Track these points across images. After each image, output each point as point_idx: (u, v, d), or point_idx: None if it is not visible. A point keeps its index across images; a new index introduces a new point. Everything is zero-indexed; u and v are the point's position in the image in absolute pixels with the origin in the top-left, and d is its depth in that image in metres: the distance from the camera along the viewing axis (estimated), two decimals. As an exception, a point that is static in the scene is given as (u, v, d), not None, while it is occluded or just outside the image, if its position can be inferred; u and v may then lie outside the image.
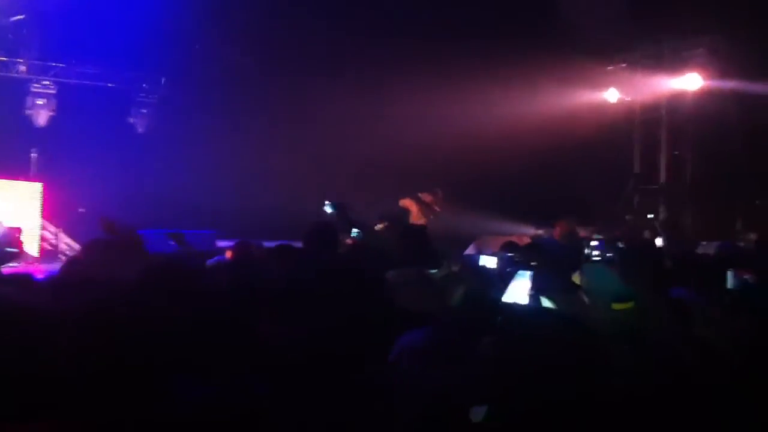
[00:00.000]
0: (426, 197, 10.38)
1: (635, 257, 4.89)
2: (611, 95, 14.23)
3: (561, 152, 12.94)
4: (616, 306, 4.09)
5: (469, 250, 9.98)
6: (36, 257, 10.66)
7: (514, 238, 7.57)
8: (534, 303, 3.37)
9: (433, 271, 4.99)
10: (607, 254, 4.95)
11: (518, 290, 3.40)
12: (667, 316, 4.06)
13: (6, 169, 11.67)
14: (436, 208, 10.49)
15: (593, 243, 4.49)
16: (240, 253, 5.92)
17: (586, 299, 4.23)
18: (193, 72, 14.30)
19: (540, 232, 11.04)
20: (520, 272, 3.21)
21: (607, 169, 13.62)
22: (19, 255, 9.32)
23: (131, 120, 14.83)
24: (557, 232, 7.37)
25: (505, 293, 3.08)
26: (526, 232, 11.38)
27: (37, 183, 11.67)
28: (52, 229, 12.06)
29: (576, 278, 4.72)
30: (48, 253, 11.53)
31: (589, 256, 4.54)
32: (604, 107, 14.21)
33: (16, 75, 13.87)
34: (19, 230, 10.10)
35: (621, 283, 4.49)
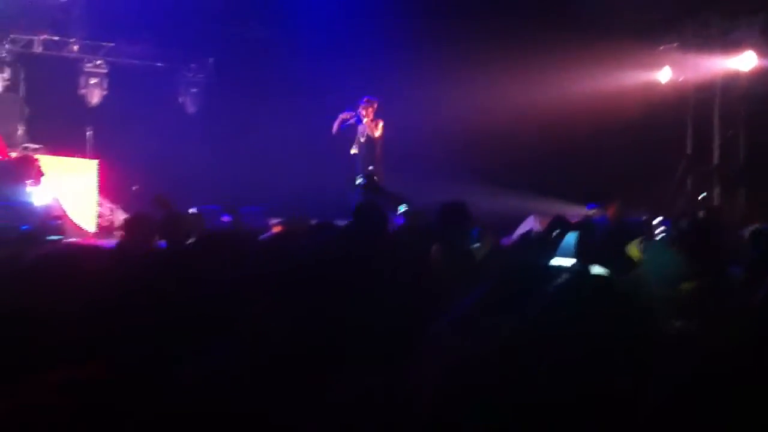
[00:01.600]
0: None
1: (701, 236, 4.88)
2: (663, 75, 14.04)
3: (611, 133, 12.84)
4: (684, 285, 4.09)
5: (525, 224, 9.97)
6: (93, 233, 10.86)
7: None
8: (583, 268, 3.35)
9: (475, 245, 5.04)
10: (670, 233, 4.94)
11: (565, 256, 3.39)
12: (730, 295, 4.06)
13: (64, 147, 11.90)
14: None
15: (657, 221, 4.47)
16: (287, 229, 6.03)
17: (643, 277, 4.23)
18: (240, 51, 14.39)
19: (591, 212, 10.98)
20: (568, 236, 3.17)
21: (658, 150, 13.47)
22: (63, 228, 9.50)
23: (181, 99, 14.99)
24: (610, 212, 7.33)
25: (551, 258, 3.06)
26: (576, 213, 11.32)
27: (93, 160, 11.88)
28: (108, 205, 12.28)
29: (634, 252, 4.72)
30: (105, 228, 11.75)
31: (652, 234, 4.53)
32: (656, 87, 14.04)
33: (68, 55, 14.09)
34: (60, 207, 10.34)
35: (685, 261, 4.48)
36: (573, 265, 3.01)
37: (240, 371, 1.84)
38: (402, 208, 6.40)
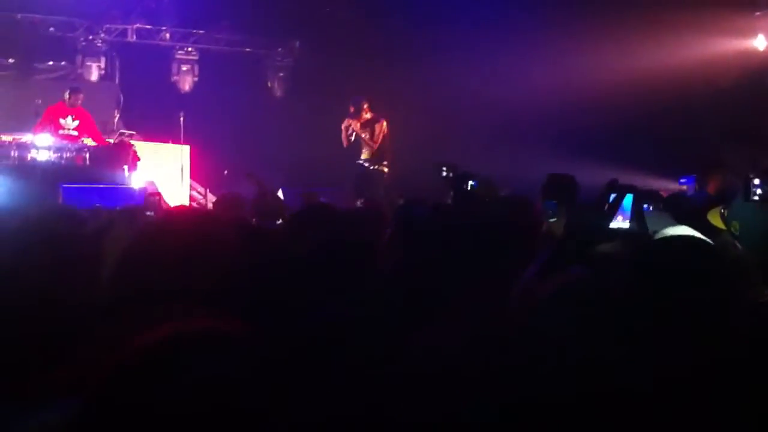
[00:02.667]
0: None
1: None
2: (760, 42, 13.52)
3: (705, 103, 12.45)
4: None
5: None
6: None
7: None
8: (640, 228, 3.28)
9: (552, 219, 4.99)
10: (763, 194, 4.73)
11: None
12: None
13: (157, 133, 12.27)
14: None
15: (756, 182, 4.26)
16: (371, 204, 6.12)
17: (735, 242, 4.10)
18: (325, 35, 14.49)
19: (684, 187, 10.70)
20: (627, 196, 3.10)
21: (755, 119, 12.99)
22: (160, 207, 9.78)
23: (269, 84, 15.23)
24: (712, 185, 7.04)
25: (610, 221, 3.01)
26: (666, 187, 11.04)
27: (185, 145, 12.20)
28: (200, 189, 12.62)
29: (716, 220, 4.56)
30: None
31: (749, 194, 4.34)
32: (752, 55, 13.52)
33: (160, 43, 14.49)
34: (156, 193, 10.66)
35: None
36: (629, 227, 2.97)
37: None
38: (471, 185, 6.36)
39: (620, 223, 2.89)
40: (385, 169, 10.88)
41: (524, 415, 1.57)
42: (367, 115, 10.88)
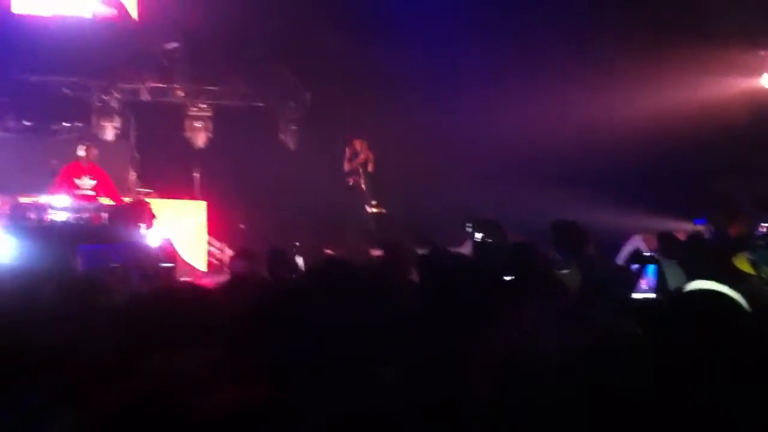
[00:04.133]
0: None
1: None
2: (766, 81, 13.60)
3: (716, 142, 12.48)
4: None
5: (630, 243, 9.76)
6: (204, 272, 11.21)
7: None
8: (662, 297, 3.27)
9: (564, 271, 4.98)
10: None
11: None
12: None
13: (173, 190, 12.37)
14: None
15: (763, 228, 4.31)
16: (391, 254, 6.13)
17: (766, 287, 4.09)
18: (336, 84, 14.64)
19: (699, 227, 10.67)
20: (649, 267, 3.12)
21: (765, 158, 13.00)
22: (174, 270, 9.83)
23: (282, 137, 15.35)
24: (734, 229, 7.00)
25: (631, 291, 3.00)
26: (681, 228, 11.02)
27: (201, 201, 12.29)
28: (218, 244, 12.67)
29: (743, 265, 4.54)
30: (215, 267, 12.11)
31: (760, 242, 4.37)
32: (760, 93, 13.59)
33: (173, 100, 14.68)
34: (171, 246, 10.72)
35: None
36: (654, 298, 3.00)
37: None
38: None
39: (645, 293, 2.90)
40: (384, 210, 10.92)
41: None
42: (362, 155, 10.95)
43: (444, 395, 1.92)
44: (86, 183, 10.91)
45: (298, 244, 9.90)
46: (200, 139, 14.48)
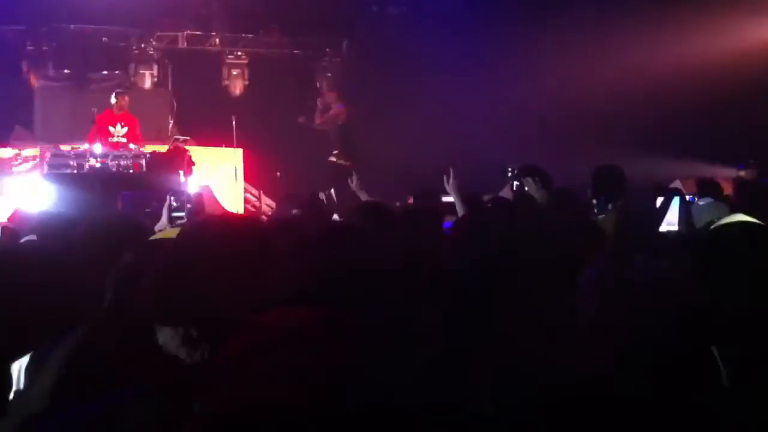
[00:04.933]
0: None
1: None
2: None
3: (758, 88, 12.21)
4: None
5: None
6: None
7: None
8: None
9: (601, 216, 4.96)
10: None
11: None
12: None
13: (210, 137, 12.44)
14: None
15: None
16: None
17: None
18: (371, 33, 14.55)
19: (741, 173, 10.54)
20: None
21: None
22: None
23: (317, 84, 15.34)
24: None
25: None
26: (725, 174, 10.87)
27: (238, 149, 12.36)
28: (254, 191, 12.77)
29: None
30: (251, 214, 12.22)
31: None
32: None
33: (211, 48, 14.71)
34: (210, 193, 10.84)
35: None
36: (678, 230, 2.97)
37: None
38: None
39: (668, 226, 2.89)
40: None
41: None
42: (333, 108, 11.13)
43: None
44: (119, 131, 11.02)
45: (333, 190, 9.94)
46: (237, 87, 14.53)
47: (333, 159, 11.52)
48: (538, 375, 1.77)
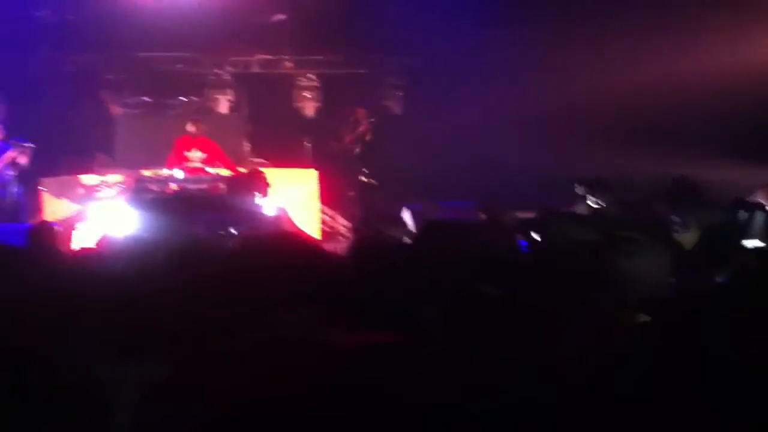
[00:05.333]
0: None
1: None
2: None
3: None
4: None
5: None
6: (318, 239, 11.47)
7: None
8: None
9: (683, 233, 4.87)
10: None
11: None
12: None
13: (285, 159, 12.66)
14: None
15: None
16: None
17: None
18: (439, 49, 14.60)
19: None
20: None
21: None
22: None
23: (385, 102, 15.46)
24: None
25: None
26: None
27: (312, 170, 12.53)
28: (329, 212, 12.91)
29: None
30: (328, 235, 12.36)
31: None
32: None
33: (282, 71, 14.98)
34: (286, 215, 11.00)
35: None
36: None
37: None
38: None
39: (754, 242, 2.86)
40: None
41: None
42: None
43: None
44: (195, 155, 11.34)
45: (409, 209, 10.00)
46: (309, 109, 14.76)
47: (363, 179, 11.54)
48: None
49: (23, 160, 10.95)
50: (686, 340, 1.90)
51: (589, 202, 7.04)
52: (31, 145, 10.90)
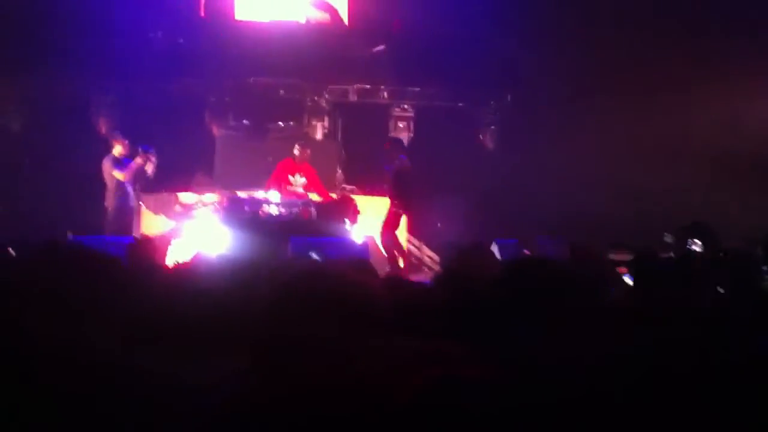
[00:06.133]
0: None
1: None
2: None
3: None
4: None
5: None
6: (403, 269, 11.57)
7: None
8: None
9: None
10: None
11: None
12: None
13: (376, 187, 12.82)
14: None
15: None
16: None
17: None
18: (536, 86, 14.59)
19: None
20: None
21: None
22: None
23: (481, 137, 15.51)
24: None
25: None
26: None
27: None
28: (416, 242, 13.00)
29: None
30: (413, 265, 12.44)
31: None
32: None
33: (379, 101, 15.23)
34: (373, 242, 11.16)
35: None
36: None
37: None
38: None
39: None
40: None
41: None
42: None
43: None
44: (298, 180, 11.62)
45: (498, 243, 10.00)
46: (403, 139, 14.92)
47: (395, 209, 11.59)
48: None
49: (150, 168, 11.43)
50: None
51: (684, 246, 6.91)
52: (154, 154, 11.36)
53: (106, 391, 2.05)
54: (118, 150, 11.47)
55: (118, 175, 11.33)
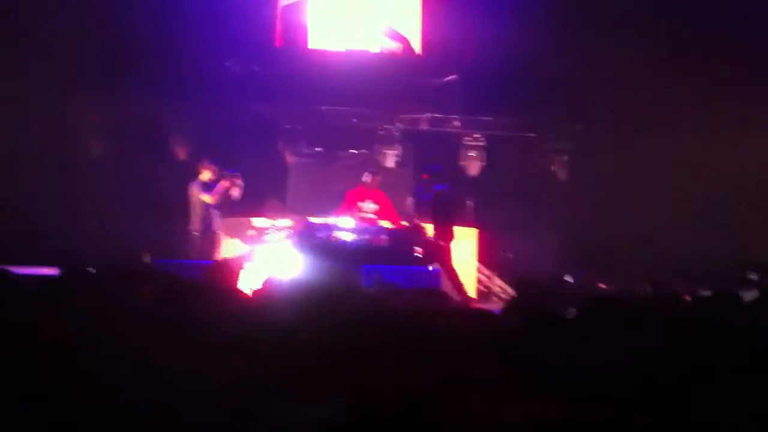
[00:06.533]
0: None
1: None
2: None
3: None
4: None
5: None
6: (473, 298, 11.49)
7: None
8: None
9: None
10: None
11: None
12: None
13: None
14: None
15: None
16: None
17: None
18: (605, 114, 14.44)
19: None
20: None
21: None
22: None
23: (552, 167, 15.36)
24: None
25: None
26: None
27: (473, 228, 12.60)
28: (486, 272, 12.91)
29: None
30: (483, 294, 12.36)
31: None
32: None
33: (450, 130, 15.23)
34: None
35: None
36: None
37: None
38: None
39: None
40: None
41: None
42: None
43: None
44: (369, 207, 11.66)
45: (570, 278, 9.87)
46: (474, 168, 14.88)
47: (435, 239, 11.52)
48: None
49: (236, 192, 11.67)
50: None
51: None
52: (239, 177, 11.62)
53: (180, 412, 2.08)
54: (206, 176, 11.78)
55: (207, 198, 11.61)
